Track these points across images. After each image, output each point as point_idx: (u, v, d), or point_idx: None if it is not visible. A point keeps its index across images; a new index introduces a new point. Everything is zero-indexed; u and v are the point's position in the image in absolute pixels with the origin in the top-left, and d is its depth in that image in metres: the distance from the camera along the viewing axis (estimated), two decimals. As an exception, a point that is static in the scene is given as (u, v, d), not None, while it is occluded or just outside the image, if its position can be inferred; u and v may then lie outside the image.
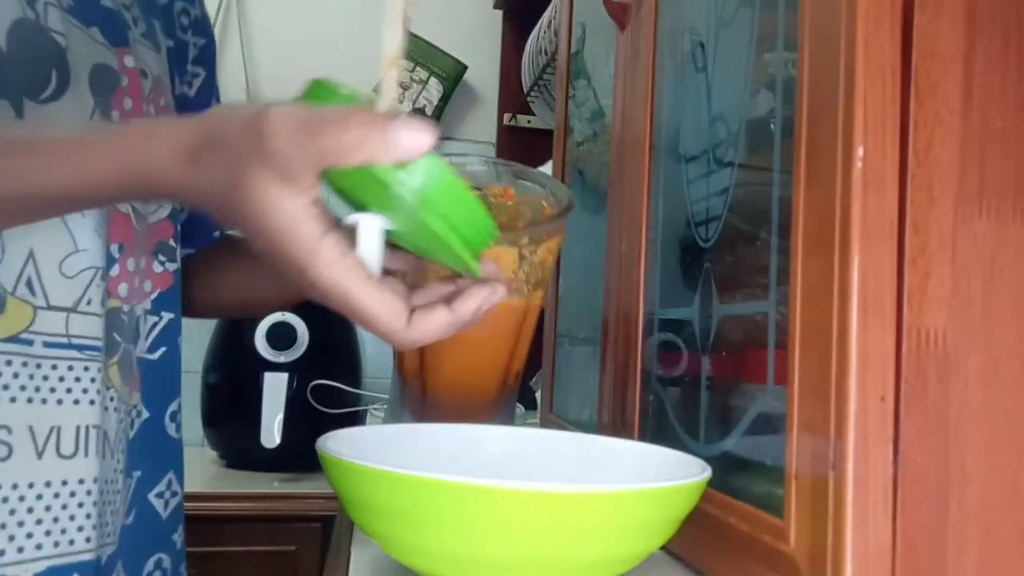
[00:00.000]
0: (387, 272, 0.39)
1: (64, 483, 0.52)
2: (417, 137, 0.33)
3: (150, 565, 0.63)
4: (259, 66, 1.66)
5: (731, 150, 0.50)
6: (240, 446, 1.34)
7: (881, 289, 0.36)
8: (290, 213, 0.34)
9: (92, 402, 0.54)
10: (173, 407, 0.65)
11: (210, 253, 0.73)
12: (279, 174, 0.34)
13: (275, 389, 1.23)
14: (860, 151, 0.36)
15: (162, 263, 0.62)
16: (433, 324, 0.37)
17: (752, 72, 0.48)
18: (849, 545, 0.35)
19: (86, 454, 0.53)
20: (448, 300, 0.38)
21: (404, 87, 1.74)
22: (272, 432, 1.19)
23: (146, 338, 0.62)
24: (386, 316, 0.36)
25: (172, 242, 0.63)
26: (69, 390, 0.53)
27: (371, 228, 0.36)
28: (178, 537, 0.66)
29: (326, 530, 1.19)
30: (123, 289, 0.58)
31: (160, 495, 0.64)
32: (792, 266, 0.40)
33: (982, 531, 0.37)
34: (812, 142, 0.40)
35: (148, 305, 0.61)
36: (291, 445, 1.22)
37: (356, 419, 1.33)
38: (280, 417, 1.14)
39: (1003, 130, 0.37)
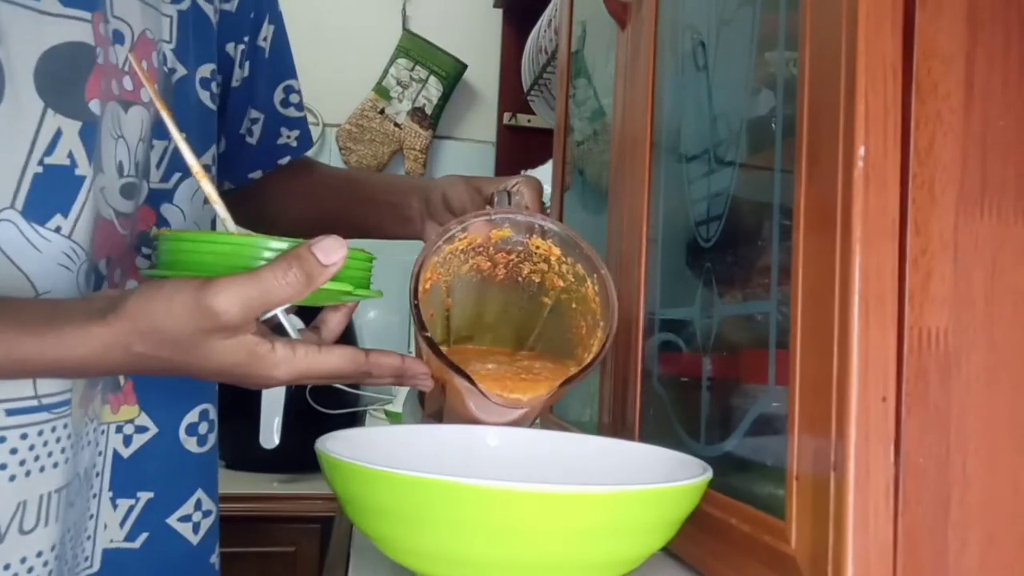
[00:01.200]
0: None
1: (23, 561, 0.48)
2: (339, 250, 0.40)
3: None
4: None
5: (732, 149, 0.50)
6: (239, 447, 1.33)
7: (882, 289, 0.36)
8: (244, 349, 0.41)
9: (56, 464, 0.49)
10: (190, 419, 0.60)
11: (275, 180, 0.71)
12: (231, 332, 0.40)
13: (274, 390, 1.23)
14: (861, 150, 0.36)
15: (147, 256, 0.57)
16: (386, 362, 0.46)
17: (753, 71, 0.48)
18: (850, 546, 0.35)
19: (46, 523, 0.49)
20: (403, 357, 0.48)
21: (404, 86, 1.74)
22: (271, 433, 1.18)
23: None
24: (351, 367, 0.44)
25: (155, 229, 0.58)
26: (37, 458, 0.48)
27: (285, 316, 0.45)
28: (215, 558, 0.61)
29: (325, 531, 1.19)
30: None
31: (186, 519, 0.59)
32: (793, 266, 0.40)
33: (983, 532, 0.37)
34: (813, 141, 0.39)
35: None
36: (290, 446, 1.21)
37: (355, 420, 1.33)
38: (279, 418, 1.14)
39: (1004, 129, 0.37)
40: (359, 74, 1.73)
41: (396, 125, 1.73)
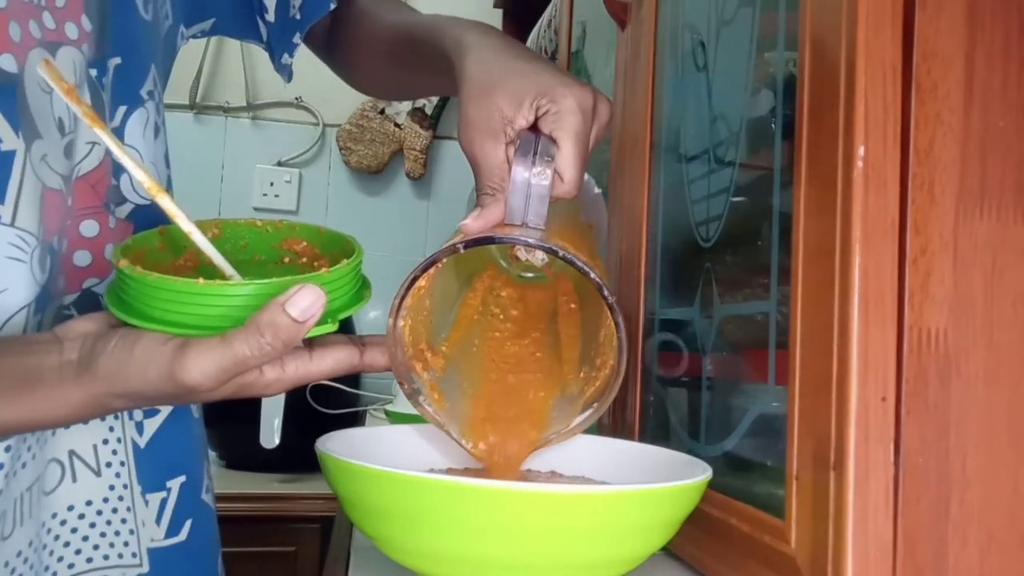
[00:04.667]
0: None
1: (6, 565, 0.46)
2: (315, 302, 0.36)
3: (219, 567, 0.58)
4: (258, 66, 1.66)
5: (732, 149, 0.50)
6: (239, 447, 1.33)
7: (882, 289, 0.36)
8: (231, 387, 0.39)
9: (25, 465, 0.47)
10: None
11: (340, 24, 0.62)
12: (211, 392, 0.38)
13: (274, 390, 1.23)
14: (861, 150, 0.36)
15: (114, 212, 0.50)
16: (381, 362, 0.42)
17: (753, 71, 0.48)
18: (850, 546, 0.35)
19: (22, 523, 0.47)
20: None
21: (404, 87, 1.74)
22: (271, 433, 1.19)
23: None
24: (345, 368, 0.41)
25: (113, 180, 0.50)
26: (13, 464, 0.45)
27: None
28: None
29: (325, 531, 1.19)
30: (87, 280, 0.48)
31: (208, 489, 0.57)
32: (793, 266, 0.40)
33: (983, 531, 0.36)
34: (813, 141, 0.39)
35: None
36: (290, 446, 1.22)
37: (356, 420, 1.33)
38: (279, 418, 1.14)
39: (1004, 130, 0.37)
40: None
41: (396, 125, 1.73)
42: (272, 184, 1.68)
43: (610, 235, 0.69)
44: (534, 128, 0.43)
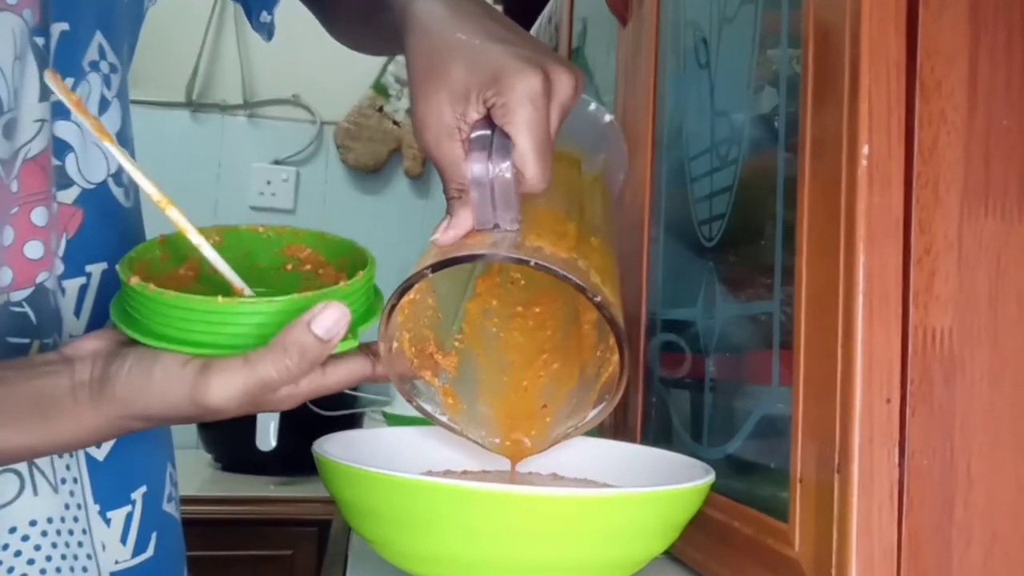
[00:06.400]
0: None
1: None
2: (340, 320, 0.36)
3: None
4: (255, 63, 1.66)
5: (734, 148, 0.50)
6: (235, 449, 1.33)
7: (886, 289, 0.36)
8: (252, 405, 0.37)
9: None
10: None
11: None
12: (232, 412, 0.37)
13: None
14: (865, 149, 0.36)
15: (55, 196, 0.46)
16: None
17: (755, 69, 0.48)
18: (854, 548, 0.35)
19: None
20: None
21: (402, 84, 1.74)
22: (267, 435, 1.18)
23: (77, 312, 0.48)
24: (360, 379, 0.40)
25: (56, 160, 0.46)
26: None
27: None
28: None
29: (322, 534, 1.19)
30: (40, 274, 0.45)
31: (170, 499, 0.54)
32: (797, 266, 0.40)
33: (988, 533, 0.36)
34: (816, 140, 0.39)
35: (61, 268, 0.47)
36: (287, 448, 1.21)
37: (353, 422, 1.32)
38: (276, 420, 1.14)
39: (1008, 128, 0.37)
40: (357, 72, 1.72)
41: (395, 123, 1.73)
42: (269, 183, 1.68)
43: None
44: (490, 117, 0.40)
